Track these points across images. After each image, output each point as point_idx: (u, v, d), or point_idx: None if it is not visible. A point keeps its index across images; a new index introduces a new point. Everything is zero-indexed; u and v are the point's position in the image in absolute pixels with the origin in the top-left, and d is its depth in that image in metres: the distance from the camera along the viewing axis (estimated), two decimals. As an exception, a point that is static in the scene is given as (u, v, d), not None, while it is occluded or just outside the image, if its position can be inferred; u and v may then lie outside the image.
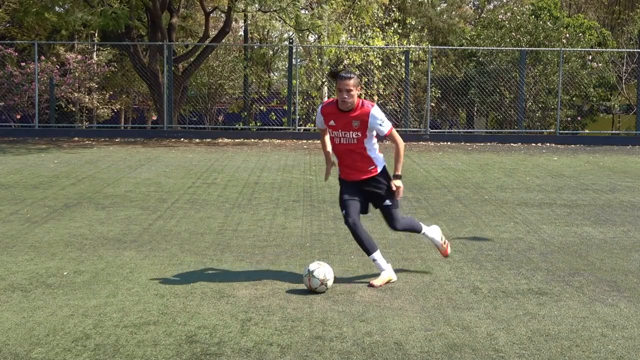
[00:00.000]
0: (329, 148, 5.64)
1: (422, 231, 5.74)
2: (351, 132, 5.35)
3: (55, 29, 24.43)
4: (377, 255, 5.43)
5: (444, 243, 5.89)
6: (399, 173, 5.41)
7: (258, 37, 30.71)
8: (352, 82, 5.24)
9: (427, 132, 19.52)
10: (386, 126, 5.35)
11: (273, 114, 21.26)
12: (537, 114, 21.90)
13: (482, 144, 18.94)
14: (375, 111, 5.32)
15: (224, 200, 9.29)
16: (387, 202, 5.45)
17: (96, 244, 6.70)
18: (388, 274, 5.45)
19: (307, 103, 21.76)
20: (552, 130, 20.89)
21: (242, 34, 28.13)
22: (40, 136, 19.03)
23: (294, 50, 20.50)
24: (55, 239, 6.91)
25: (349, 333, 4.34)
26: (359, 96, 5.41)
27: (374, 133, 5.41)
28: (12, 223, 7.63)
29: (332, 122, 5.42)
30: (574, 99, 23.06)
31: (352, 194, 5.44)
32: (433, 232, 5.83)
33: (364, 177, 5.45)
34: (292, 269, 5.85)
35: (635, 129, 21.00)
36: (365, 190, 5.47)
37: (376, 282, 5.38)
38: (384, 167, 5.51)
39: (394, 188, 5.38)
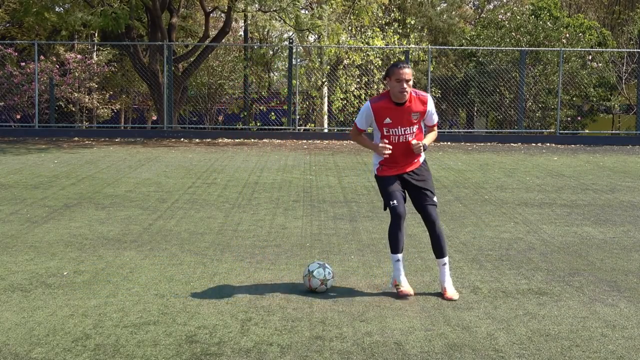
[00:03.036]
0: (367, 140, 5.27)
1: (445, 258, 5.19)
2: (411, 127, 5.03)
3: (55, 29, 24.44)
4: (400, 256, 5.12)
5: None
6: (427, 143, 5.14)
7: (258, 37, 30.71)
8: (410, 71, 4.94)
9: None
10: (436, 118, 5.20)
11: (273, 114, 21.26)
12: (537, 114, 21.90)
13: (482, 144, 18.94)
14: (431, 100, 5.10)
15: (224, 200, 9.29)
16: (434, 199, 5.16)
17: (96, 244, 6.70)
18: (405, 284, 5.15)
19: (307, 103, 21.76)
20: (552, 130, 20.89)
21: (242, 34, 28.13)
22: (40, 136, 19.03)
23: (294, 50, 20.50)
24: (55, 239, 6.91)
25: (349, 333, 4.34)
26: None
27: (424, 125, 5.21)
28: (12, 223, 7.63)
29: (387, 120, 5.02)
30: (574, 99, 23.06)
31: (396, 186, 5.12)
32: (446, 273, 5.21)
33: (410, 167, 5.15)
34: (292, 269, 5.85)
35: (635, 129, 21.00)
36: (405, 181, 5.17)
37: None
38: (425, 159, 5.30)
39: (417, 145, 5.03)
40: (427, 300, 5.03)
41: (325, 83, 21.44)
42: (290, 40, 24.90)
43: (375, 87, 21.10)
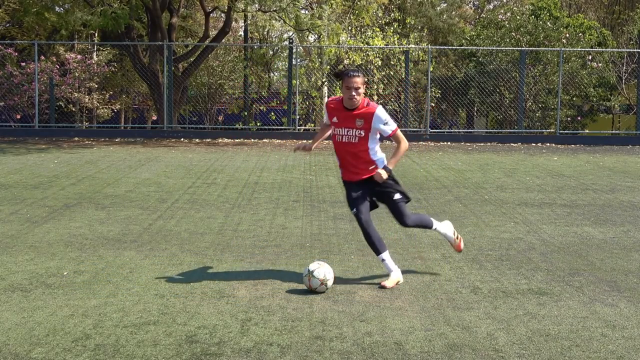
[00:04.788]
0: (320, 138, 5.79)
1: (434, 227, 5.70)
2: (354, 130, 5.31)
3: (55, 29, 24.41)
4: (385, 255, 5.40)
5: (457, 238, 5.87)
6: (391, 167, 5.40)
7: (258, 37, 30.70)
8: (360, 80, 5.23)
9: (427, 132, 19.52)
10: (391, 126, 5.33)
11: (273, 114, 21.26)
12: (537, 114, 21.90)
13: (482, 144, 18.94)
14: (380, 112, 5.28)
15: (224, 200, 9.29)
16: (397, 196, 5.41)
17: (96, 244, 6.70)
18: (397, 275, 5.40)
19: (307, 103, 21.75)
20: (552, 130, 20.89)
21: (242, 34, 28.12)
22: (40, 136, 19.03)
23: (294, 50, 20.49)
24: (55, 239, 6.91)
25: (349, 333, 4.34)
26: (365, 95, 5.40)
27: (378, 135, 5.40)
28: (12, 223, 7.63)
29: (335, 119, 5.41)
30: (574, 99, 23.05)
31: (359, 192, 5.40)
32: (445, 227, 5.80)
33: (365, 176, 5.40)
34: (292, 269, 5.85)
35: (635, 129, 20.99)
36: (370, 188, 5.42)
37: (387, 283, 5.34)
38: (385, 165, 5.46)
39: (378, 174, 5.31)
40: (427, 300, 5.04)
41: (325, 83, 21.44)
42: (290, 40, 24.90)
43: (375, 87, 21.09)
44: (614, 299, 5.11)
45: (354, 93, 5.22)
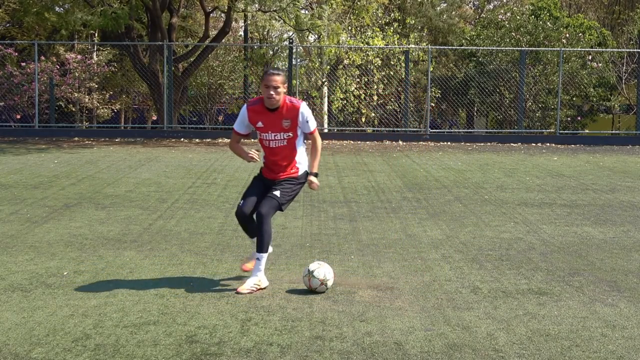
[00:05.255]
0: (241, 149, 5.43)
1: (263, 252, 5.22)
2: (282, 134, 5.21)
3: (55, 29, 24.41)
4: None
5: (258, 282, 5.20)
6: (317, 171, 5.37)
7: (258, 37, 30.71)
8: (279, 78, 5.09)
9: (427, 132, 19.52)
10: (312, 124, 5.27)
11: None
12: (537, 114, 21.91)
13: (482, 144, 18.94)
14: (304, 108, 5.21)
15: (224, 200, 9.29)
16: (276, 193, 5.21)
17: (96, 244, 6.70)
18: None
19: (307, 103, 21.73)
20: (552, 130, 20.89)
21: (242, 34, 28.13)
22: (40, 136, 19.03)
23: (294, 50, 20.49)
24: (55, 239, 6.91)
25: (349, 333, 4.34)
26: (285, 94, 5.23)
27: (303, 135, 5.34)
28: (12, 223, 7.63)
29: (260, 124, 5.22)
30: (574, 99, 23.06)
31: (257, 190, 5.33)
32: (263, 263, 5.24)
33: (282, 176, 5.31)
34: (292, 269, 5.85)
35: (635, 129, 20.99)
36: (269, 187, 5.30)
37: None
38: (305, 171, 5.38)
39: (313, 184, 5.29)
40: (427, 300, 5.04)
41: (325, 83, 21.44)
42: (290, 40, 24.90)
43: (375, 87, 21.09)
44: (614, 299, 5.11)
45: (272, 92, 5.06)
